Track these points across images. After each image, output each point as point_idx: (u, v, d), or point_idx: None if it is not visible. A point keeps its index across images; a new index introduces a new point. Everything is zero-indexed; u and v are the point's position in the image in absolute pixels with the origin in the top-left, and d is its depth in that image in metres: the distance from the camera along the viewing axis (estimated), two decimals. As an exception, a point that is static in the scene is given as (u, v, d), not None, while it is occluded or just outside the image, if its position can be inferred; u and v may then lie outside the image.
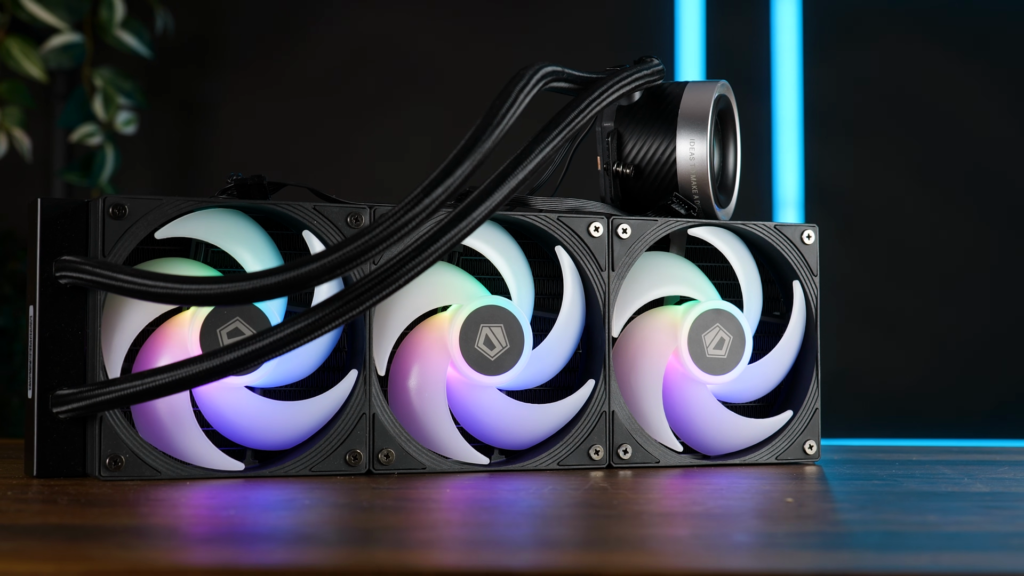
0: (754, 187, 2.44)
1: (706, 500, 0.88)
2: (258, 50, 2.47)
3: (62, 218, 0.99)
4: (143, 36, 2.24)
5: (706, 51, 2.43)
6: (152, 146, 2.44)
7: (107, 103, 2.21)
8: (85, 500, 0.86)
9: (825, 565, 0.63)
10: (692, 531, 0.74)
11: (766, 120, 2.44)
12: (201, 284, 0.92)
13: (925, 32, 2.46)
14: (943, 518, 0.80)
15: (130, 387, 0.94)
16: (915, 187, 2.46)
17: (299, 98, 2.44)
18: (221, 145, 2.47)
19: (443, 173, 0.95)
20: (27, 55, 2.16)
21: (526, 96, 1.00)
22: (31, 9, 2.14)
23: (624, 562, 0.64)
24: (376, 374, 1.03)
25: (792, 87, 2.44)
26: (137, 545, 0.69)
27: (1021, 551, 0.68)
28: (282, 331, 0.93)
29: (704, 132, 1.11)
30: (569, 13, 2.48)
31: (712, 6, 2.46)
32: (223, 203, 1.01)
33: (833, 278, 2.42)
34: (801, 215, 2.43)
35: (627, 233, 1.09)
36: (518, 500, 0.89)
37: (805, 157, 2.45)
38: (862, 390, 2.43)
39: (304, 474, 1.01)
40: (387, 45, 2.45)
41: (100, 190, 2.20)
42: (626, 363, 1.10)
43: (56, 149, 2.36)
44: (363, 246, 0.92)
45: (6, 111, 2.17)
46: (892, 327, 2.45)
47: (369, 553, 0.66)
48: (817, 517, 0.80)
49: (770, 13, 2.45)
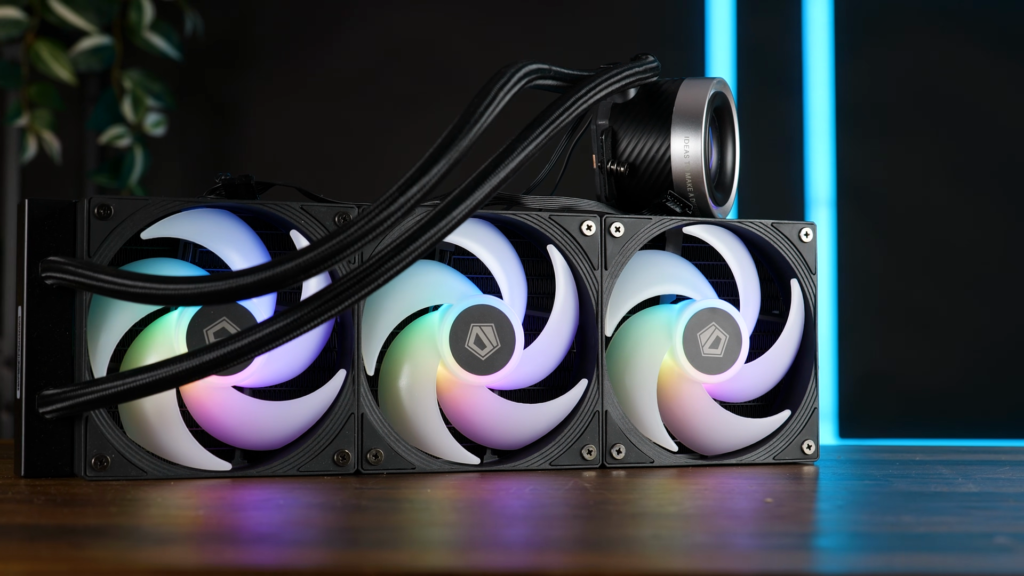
0: (786, 186, 2.42)
1: (683, 500, 0.88)
2: (288, 51, 2.47)
3: (49, 219, 0.99)
4: (172, 38, 2.25)
5: (737, 50, 2.41)
6: (182, 147, 2.45)
7: (136, 105, 2.22)
8: (61, 500, 0.86)
9: (770, 566, 0.62)
10: (654, 531, 0.73)
11: (798, 118, 2.42)
12: (179, 284, 0.92)
13: (957, 27, 2.44)
14: (917, 519, 0.79)
15: (113, 387, 0.94)
16: (949, 185, 2.43)
17: (329, 99, 2.45)
18: (251, 146, 2.48)
19: (419, 171, 0.94)
20: (56, 58, 2.17)
21: (506, 94, 1.00)
22: (60, 12, 2.15)
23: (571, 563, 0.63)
24: (365, 374, 1.03)
25: (824, 85, 2.43)
26: (90, 544, 0.68)
27: (979, 552, 0.66)
28: (262, 330, 0.93)
29: (699, 129, 1.10)
30: (599, 13, 2.47)
31: (743, 4, 2.44)
32: (209, 203, 1.01)
33: (866, 277, 2.41)
34: (833, 214, 2.41)
35: (620, 232, 1.08)
36: (494, 501, 0.88)
37: (837, 155, 2.43)
38: (896, 390, 2.41)
39: (291, 474, 1.01)
40: (417, 45, 2.45)
41: (130, 191, 2.21)
42: (620, 362, 1.09)
43: (88, 151, 2.37)
44: (338, 245, 0.91)
45: (35, 114, 2.18)
46: (926, 326, 2.43)
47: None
48: (788, 517, 0.79)
49: (801, 10, 2.43)
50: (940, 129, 2.44)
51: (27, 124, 2.18)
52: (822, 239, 2.43)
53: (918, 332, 2.44)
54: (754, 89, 2.41)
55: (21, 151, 2.19)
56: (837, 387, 2.42)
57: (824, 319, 2.44)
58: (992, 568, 0.63)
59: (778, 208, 2.39)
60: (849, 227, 2.43)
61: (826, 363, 2.44)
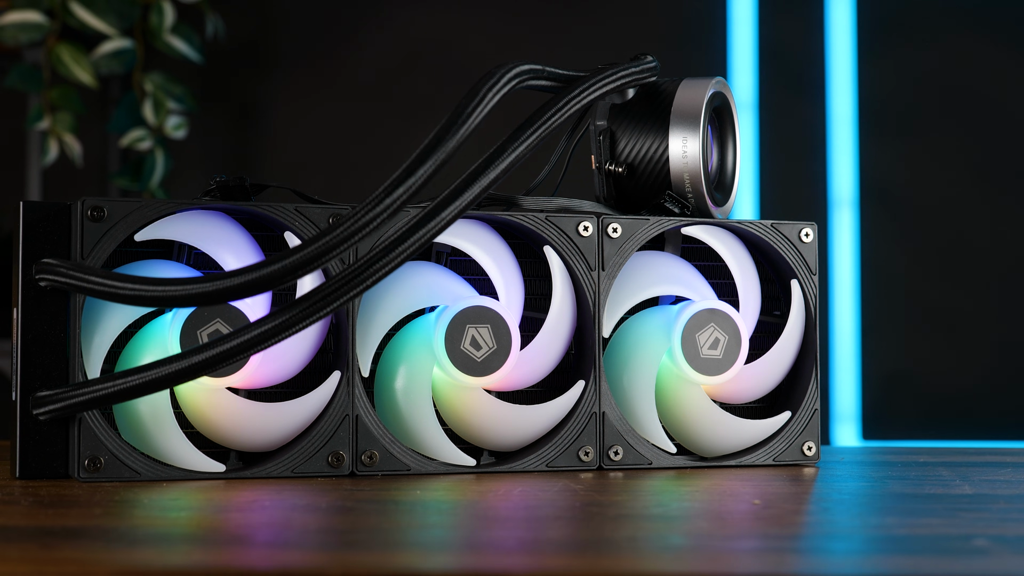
0: (809, 187, 2.42)
1: (671, 502, 0.87)
2: (310, 54, 2.48)
3: (44, 221, 0.99)
4: (193, 41, 2.26)
5: (759, 50, 2.41)
6: (205, 150, 2.45)
7: (157, 108, 2.23)
8: (48, 501, 0.86)
9: (735, 568, 0.62)
10: (630, 533, 0.73)
11: (820, 119, 2.41)
12: (167, 286, 0.92)
13: (979, 27, 2.42)
14: (901, 521, 0.78)
15: (104, 388, 0.94)
16: (972, 185, 2.42)
17: (351, 101, 2.45)
18: (272, 148, 2.49)
19: (405, 173, 0.94)
20: (77, 61, 2.18)
21: (495, 95, 0.99)
22: (81, 16, 2.17)
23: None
24: (360, 375, 1.03)
25: (846, 86, 2.42)
26: (60, 546, 0.68)
27: (954, 555, 0.66)
28: (252, 331, 0.93)
29: (697, 130, 1.10)
30: (621, 15, 2.47)
31: (764, 6, 2.43)
32: (203, 205, 1.01)
33: (889, 278, 2.39)
34: (856, 215, 2.40)
35: (617, 232, 1.07)
36: (480, 502, 0.88)
37: (860, 156, 2.42)
38: (920, 391, 2.40)
39: (286, 476, 1.01)
40: (439, 47, 2.45)
41: (151, 193, 2.22)
42: (618, 363, 1.09)
43: (110, 154, 2.38)
44: (324, 247, 0.91)
45: (57, 117, 2.19)
46: (951, 327, 2.41)
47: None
48: (770, 520, 0.79)
49: (823, 11, 2.42)
50: (963, 129, 2.43)
51: (48, 127, 2.19)
52: (844, 240, 2.42)
53: (942, 333, 2.42)
54: (776, 90, 2.40)
55: (42, 154, 2.21)
56: (860, 389, 2.41)
57: (847, 320, 2.43)
58: (964, 570, 0.62)
59: (800, 209, 2.38)
60: (872, 228, 2.42)
61: (849, 365, 2.43)
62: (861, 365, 2.40)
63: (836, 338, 2.40)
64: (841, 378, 2.39)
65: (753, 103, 2.38)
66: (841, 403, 2.38)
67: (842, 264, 2.39)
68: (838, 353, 2.40)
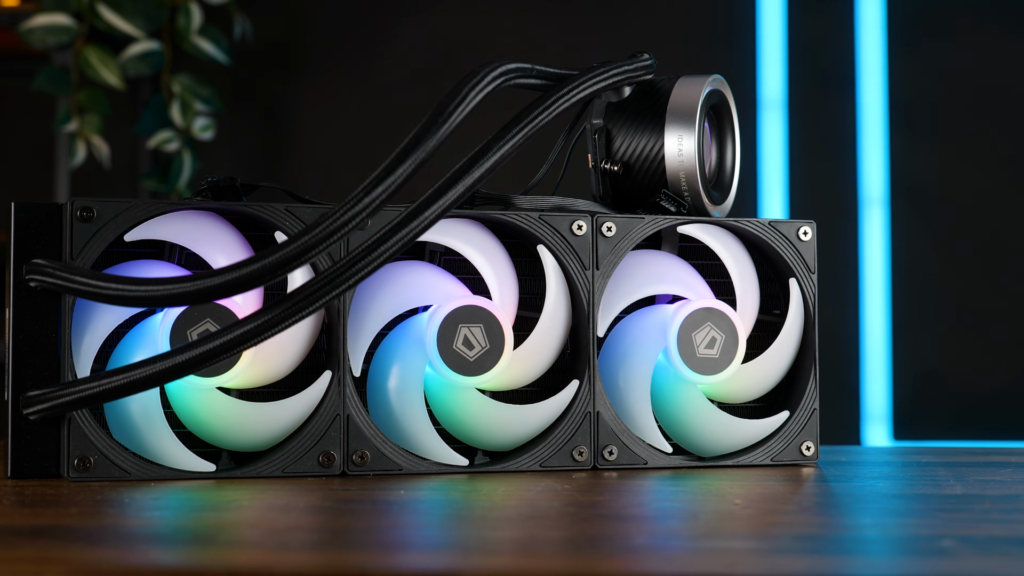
0: (839, 185, 2.40)
1: (650, 503, 0.87)
2: (338, 55, 2.48)
3: (35, 221, 1.00)
4: (221, 43, 2.26)
5: (788, 48, 2.39)
6: (233, 151, 2.46)
7: (184, 109, 2.24)
8: (30, 501, 0.86)
9: (688, 568, 0.61)
10: (592, 533, 0.73)
11: (850, 117, 2.40)
12: (149, 286, 0.93)
13: (1010, 23, 2.40)
14: (875, 521, 0.78)
15: (92, 387, 0.95)
16: (1004, 182, 2.40)
17: (379, 101, 2.45)
18: (300, 149, 2.49)
19: (384, 172, 0.94)
20: (105, 63, 2.19)
21: (477, 94, 0.99)
22: (108, 18, 2.18)
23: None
24: (351, 375, 1.03)
25: (876, 83, 2.40)
26: (20, 545, 0.69)
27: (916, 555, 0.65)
28: (236, 330, 0.93)
29: (692, 128, 1.09)
30: (649, 13, 2.46)
31: (794, 3, 2.42)
32: (193, 205, 1.01)
33: (920, 277, 2.37)
34: (887, 213, 2.38)
35: (612, 231, 1.07)
36: (461, 501, 0.88)
37: (891, 154, 2.40)
38: (952, 391, 2.38)
39: (276, 475, 1.01)
40: (467, 47, 2.45)
41: (178, 195, 2.23)
42: (614, 363, 1.08)
43: (139, 155, 2.39)
44: (302, 246, 0.91)
45: (84, 119, 2.20)
46: (983, 327, 2.39)
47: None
48: (743, 519, 0.78)
49: (853, 8, 2.41)
50: (996, 127, 2.40)
51: (76, 129, 2.20)
52: (876, 239, 2.40)
53: (975, 333, 2.40)
54: (806, 88, 2.39)
55: (70, 156, 2.22)
56: (891, 389, 2.39)
57: (878, 320, 2.42)
58: (921, 571, 0.62)
59: (830, 208, 2.37)
60: (903, 226, 2.40)
61: (880, 364, 2.41)
62: (892, 365, 2.38)
63: (867, 338, 2.38)
64: (872, 378, 2.37)
65: (783, 101, 2.36)
66: (872, 403, 2.37)
67: (873, 263, 2.37)
68: (869, 353, 2.38)
